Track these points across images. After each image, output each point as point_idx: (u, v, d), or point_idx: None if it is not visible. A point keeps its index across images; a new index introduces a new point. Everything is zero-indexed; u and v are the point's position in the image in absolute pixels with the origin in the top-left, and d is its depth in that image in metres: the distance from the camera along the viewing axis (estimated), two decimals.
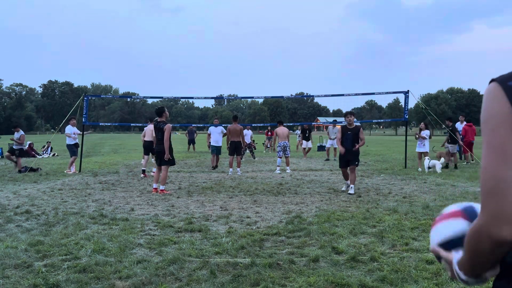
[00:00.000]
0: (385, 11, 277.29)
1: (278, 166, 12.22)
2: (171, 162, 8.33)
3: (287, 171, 12.04)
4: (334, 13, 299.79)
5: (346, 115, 8.43)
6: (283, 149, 12.24)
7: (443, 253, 1.05)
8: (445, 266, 1.06)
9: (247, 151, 18.34)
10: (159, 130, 8.26)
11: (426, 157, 11.98)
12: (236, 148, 11.78)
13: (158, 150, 8.32)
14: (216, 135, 12.96)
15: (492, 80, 0.91)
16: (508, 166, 0.84)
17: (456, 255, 1.02)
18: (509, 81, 0.87)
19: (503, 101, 0.86)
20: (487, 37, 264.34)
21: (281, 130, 12.32)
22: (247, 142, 18.03)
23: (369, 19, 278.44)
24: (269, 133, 23.48)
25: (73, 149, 12.05)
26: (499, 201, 0.84)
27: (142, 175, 10.99)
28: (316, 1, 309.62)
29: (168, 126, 8.13)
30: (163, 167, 8.31)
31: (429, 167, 11.74)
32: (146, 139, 11.18)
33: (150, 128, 10.87)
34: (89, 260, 3.87)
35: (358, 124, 9.19)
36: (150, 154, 11.25)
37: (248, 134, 17.41)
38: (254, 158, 17.63)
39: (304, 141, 18.02)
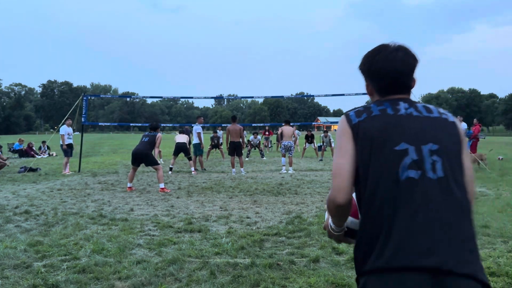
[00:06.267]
0: (385, 11, 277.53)
1: (283, 165, 12.22)
2: (156, 162, 8.69)
3: (289, 171, 12.01)
4: (334, 12, 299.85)
5: None
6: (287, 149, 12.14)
7: (327, 221, 1.58)
8: (327, 228, 1.59)
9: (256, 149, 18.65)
10: (148, 136, 8.81)
11: None
12: (236, 148, 11.78)
13: (137, 153, 8.60)
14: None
15: (344, 114, 1.50)
16: (343, 157, 1.37)
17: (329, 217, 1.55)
18: (350, 112, 1.47)
19: (345, 123, 1.43)
20: (487, 37, 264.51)
21: (286, 129, 12.19)
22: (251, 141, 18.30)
23: (369, 19, 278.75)
24: (267, 133, 23.49)
25: (66, 150, 11.97)
26: (336, 179, 1.35)
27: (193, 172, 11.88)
28: (317, 1, 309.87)
29: (160, 135, 8.96)
30: (155, 166, 8.58)
31: None
32: (178, 140, 12.37)
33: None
34: (88, 261, 3.86)
35: None
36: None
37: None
38: (263, 157, 17.82)
39: (307, 144, 18.25)
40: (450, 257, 1.19)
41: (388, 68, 1.44)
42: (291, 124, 14.19)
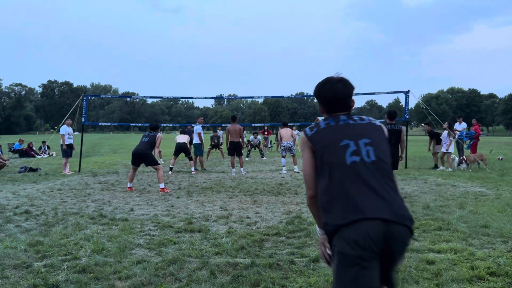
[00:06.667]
0: (385, 11, 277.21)
1: (283, 166, 12.23)
2: (156, 162, 8.69)
3: (294, 170, 12.04)
4: (334, 13, 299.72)
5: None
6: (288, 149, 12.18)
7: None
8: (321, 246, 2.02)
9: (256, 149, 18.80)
10: (148, 136, 8.80)
11: (454, 156, 12.56)
12: (236, 148, 11.80)
13: (137, 153, 8.60)
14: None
15: (303, 130, 2.08)
16: (307, 164, 1.98)
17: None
18: (306, 128, 2.06)
19: (303, 136, 2.02)
20: (487, 37, 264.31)
21: (285, 131, 12.26)
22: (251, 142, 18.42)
23: (370, 19, 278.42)
24: (266, 133, 23.33)
25: (65, 150, 11.96)
26: (306, 181, 1.99)
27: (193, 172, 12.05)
28: (316, 1, 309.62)
29: (160, 135, 8.93)
30: (155, 166, 8.59)
31: (459, 164, 12.28)
32: (179, 141, 12.62)
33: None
34: (88, 261, 3.86)
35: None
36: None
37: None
38: (263, 157, 17.88)
39: None
40: (393, 212, 1.77)
41: (332, 95, 2.04)
42: (291, 124, 14.25)
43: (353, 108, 2.08)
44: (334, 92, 2.03)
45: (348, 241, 1.71)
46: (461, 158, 12.43)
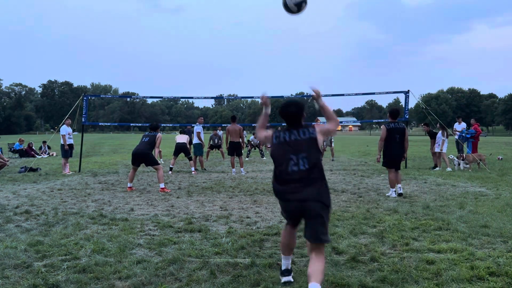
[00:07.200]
0: (385, 11, 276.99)
1: None
2: (156, 161, 8.70)
3: None
4: (334, 13, 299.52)
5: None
6: None
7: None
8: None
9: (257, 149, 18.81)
10: (148, 136, 8.80)
11: (452, 156, 12.61)
12: (235, 148, 11.79)
13: (138, 152, 8.59)
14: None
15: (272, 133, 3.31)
16: (264, 133, 3.41)
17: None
18: (273, 136, 3.24)
19: (271, 139, 3.23)
20: (487, 37, 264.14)
21: None
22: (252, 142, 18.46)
23: (369, 19, 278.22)
24: None
25: (66, 150, 11.92)
26: (260, 139, 3.48)
27: (193, 172, 12.06)
28: (316, 1, 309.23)
29: (160, 135, 8.92)
30: (155, 167, 8.59)
31: (459, 164, 12.24)
32: (178, 141, 12.60)
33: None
34: (88, 260, 3.86)
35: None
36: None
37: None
38: (263, 157, 17.88)
39: None
40: (310, 196, 2.95)
41: (288, 115, 3.18)
42: None
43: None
44: (290, 113, 3.16)
45: (283, 207, 3.19)
46: (459, 155, 12.43)
